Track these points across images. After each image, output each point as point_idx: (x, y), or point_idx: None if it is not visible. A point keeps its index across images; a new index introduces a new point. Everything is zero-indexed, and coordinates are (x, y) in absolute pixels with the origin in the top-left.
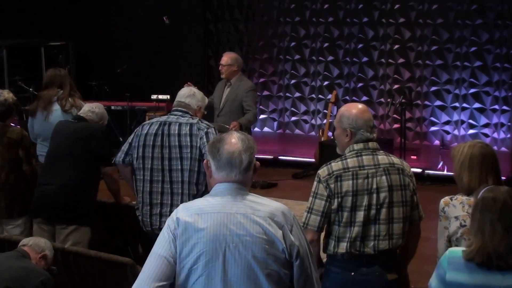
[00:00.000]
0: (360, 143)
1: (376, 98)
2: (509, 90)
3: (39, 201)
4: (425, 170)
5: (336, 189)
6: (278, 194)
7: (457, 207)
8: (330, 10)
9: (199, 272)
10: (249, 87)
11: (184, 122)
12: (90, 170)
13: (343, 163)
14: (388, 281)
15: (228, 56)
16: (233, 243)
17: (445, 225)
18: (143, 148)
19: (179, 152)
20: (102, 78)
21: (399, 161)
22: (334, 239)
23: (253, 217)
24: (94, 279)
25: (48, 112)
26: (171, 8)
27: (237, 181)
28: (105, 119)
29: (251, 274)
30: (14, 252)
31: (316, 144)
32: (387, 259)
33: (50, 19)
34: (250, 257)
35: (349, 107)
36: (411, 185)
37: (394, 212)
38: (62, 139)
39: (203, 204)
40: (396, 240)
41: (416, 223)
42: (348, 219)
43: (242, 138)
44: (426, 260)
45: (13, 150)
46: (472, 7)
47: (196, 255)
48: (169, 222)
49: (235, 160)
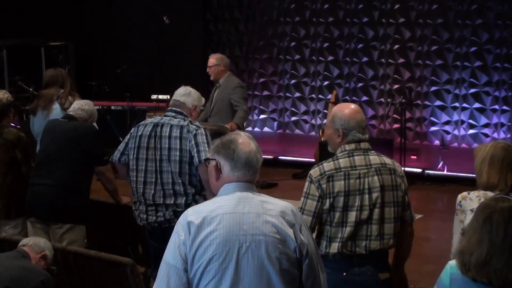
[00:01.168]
0: (352, 143)
1: (376, 98)
2: (509, 90)
3: (32, 201)
4: (425, 170)
5: (328, 189)
6: (278, 194)
7: (474, 200)
8: (330, 10)
9: (213, 273)
10: (236, 84)
11: (175, 124)
12: (82, 170)
13: (335, 163)
14: (380, 280)
15: (214, 57)
16: (246, 243)
17: (461, 219)
18: (137, 149)
19: (167, 155)
20: (102, 78)
21: (390, 161)
22: (326, 239)
23: (265, 217)
24: (94, 279)
25: (48, 111)
26: (171, 8)
27: (248, 181)
28: (95, 116)
29: (264, 274)
30: (14, 252)
31: (316, 144)
32: (379, 259)
33: (50, 19)
34: (263, 257)
35: (341, 107)
36: (402, 185)
37: (386, 212)
38: (53, 139)
39: (213, 206)
40: (387, 240)
41: (408, 223)
42: (339, 219)
43: (250, 137)
44: (426, 260)
45: (10, 151)
46: (472, 7)
47: (209, 257)
48: (177, 228)
49: (253, 160)
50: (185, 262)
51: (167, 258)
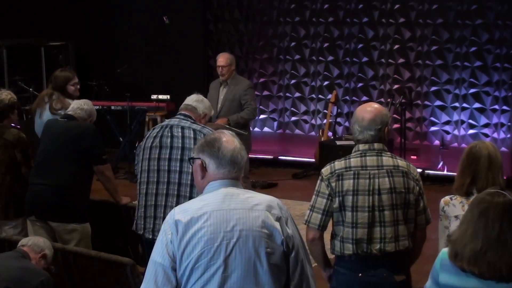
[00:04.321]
0: (365, 143)
1: (376, 98)
2: (509, 90)
3: (32, 200)
4: (425, 170)
5: (337, 188)
6: (278, 194)
7: (457, 207)
8: (330, 10)
9: (201, 270)
10: (247, 85)
11: (186, 126)
12: (82, 169)
13: (346, 162)
14: (396, 282)
15: (225, 57)
16: (234, 239)
17: (445, 225)
18: (147, 161)
19: (181, 154)
20: (102, 78)
21: (405, 164)
22: (340, 239)
23: (252, 212)
24: (94, 279)
25: (41, 110)
26: (171, 8)
27: (234, 177)
28: (94, 115)
29: (252, 269)
30: (14, 253)
31: (316, 144)
32: (395, 261)
33: (50, 19)
34: (251, 252)
35: (363, 106)
36: (416, 188)
37: (399, 214)
38: (53, 139)
39: (200, 204)
40: (403, 242)
41: (422, 227)
42: (350, 219)
43: (233, 135)
44: (426, 260)
45: (9, 152)
46: (472, 7)
47: (198, 254)
48: (165, 226)
49: (237, 157)
50: (173, 261)
51: (155, 256)
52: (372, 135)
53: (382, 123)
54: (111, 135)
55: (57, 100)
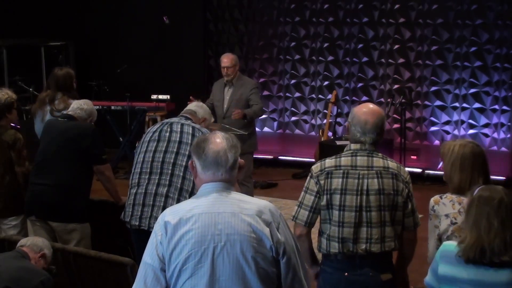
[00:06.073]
0: (357, 143)
1: (376, 98)
2: (509, 90)
3: (32, 200)
4: (425, 170)
5: (325, 186)
6: (278, 194)
7: (447, 205)
8: (330, 10)
9: (189, 273)
10: (253, 85)
11: (186, 123)
12: (82, 169)
13: (336, 161)
14: (382, 281)
15: (230, 57)
16: (221, 242)
17: (435, 224)
18: (144, 153)
19: (177, 147)
20: (102, 78)
21: (395, 165)
22: (326, 237)
23: (241, 216)
24: (94, 279)
25: (43, 113)
26: (171, 8)
27: (223, 180)
28: (94, 115)
29: (240, 273)
30: (13, 253)
31: (316, 144)
32: (381, 260)
33: (50, 19)
34: (238, 256)
35: (361, 105)
36: (405, 191)
37: (386, 216)
38: (53, 139)
39: (190, 206)
40: (389, 243)
41: (411, 229)
42: (337, 218)
43: (226, 137)
44: (426, 260)
45: (6, 152)
46: (472, 7)
47: (185, 256)
48: (156, 227)
49: (221, 159)
50: (162, 262)
51: (145, 257)
52: (373, 138)
53: (382, 126)
54: (111, 135)
55: (61, 100)
